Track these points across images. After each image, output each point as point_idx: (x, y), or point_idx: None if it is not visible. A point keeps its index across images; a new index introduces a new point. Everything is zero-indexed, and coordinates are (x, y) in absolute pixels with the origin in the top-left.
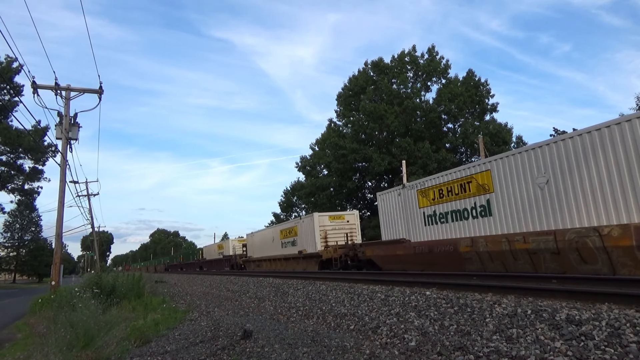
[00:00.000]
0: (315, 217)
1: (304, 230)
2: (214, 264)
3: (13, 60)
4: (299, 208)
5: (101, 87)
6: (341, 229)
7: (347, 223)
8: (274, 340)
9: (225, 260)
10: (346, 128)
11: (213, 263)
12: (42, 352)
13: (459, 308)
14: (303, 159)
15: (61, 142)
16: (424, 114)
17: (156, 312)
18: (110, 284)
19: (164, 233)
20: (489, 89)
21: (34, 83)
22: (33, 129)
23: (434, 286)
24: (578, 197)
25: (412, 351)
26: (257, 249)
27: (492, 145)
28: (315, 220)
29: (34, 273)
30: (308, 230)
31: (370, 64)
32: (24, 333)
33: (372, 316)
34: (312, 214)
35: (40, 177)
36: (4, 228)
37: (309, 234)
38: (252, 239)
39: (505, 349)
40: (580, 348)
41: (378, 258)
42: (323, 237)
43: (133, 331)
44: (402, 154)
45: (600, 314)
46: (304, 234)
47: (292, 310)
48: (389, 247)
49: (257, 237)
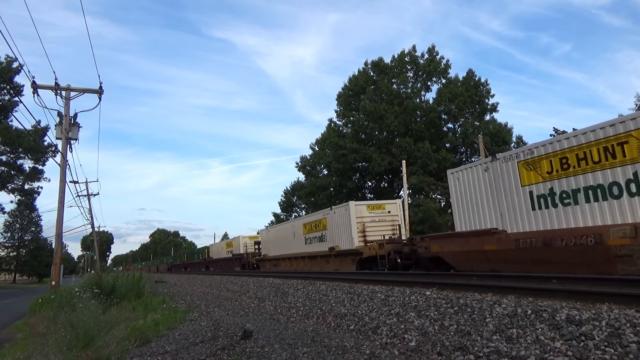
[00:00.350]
0: (351, 207)
1: (335, 223)
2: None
3: (13, 60)
4: (299, 208)
5: (101, 87)
6: (381, 221)
7: (389, 214)
8: (274, 340)
9: (235, 259)
10: (346, 128)
11: (221, 262)
12: (42, 352)
13: (459, 308)
14: (303, 159)
15: (61, 142)
16: (424, 114)
17: (156, 312)
18: (110, 284)
19: (164, 233)
20: (489, 89)
21: (34, 83)
22: (33, 129)
23: (434, 286)
24: None
25: (412, 351)
26: (273, 247)
27: (492, 145)
28: (352, 210)
29: (34, 273)
30: (341, 222)
31: (370, 64)
32: (24, 333)
33: (372, 316)
34: (347, 203)
35: (40, 177)
36: (4, 228)
37: (343, 227)
38: (267, 235)
39: (505, 349)
40: (580, 348)
41: (451, 255)
42: (361, 230)
43: (133, 331)
44: (402, 154)
45: (600, 314)
46: (336, 228)
47: (292, 310)
48: (471, 241)
49: (274, 232)
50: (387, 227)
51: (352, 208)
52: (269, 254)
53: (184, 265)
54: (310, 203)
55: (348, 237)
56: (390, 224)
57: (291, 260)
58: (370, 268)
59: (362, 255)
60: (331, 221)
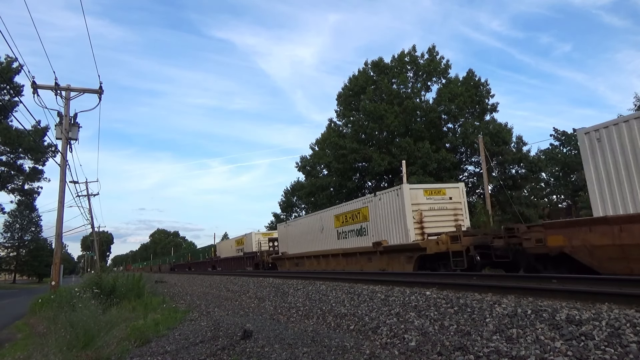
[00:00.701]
0: (405, 191)
1: (381, 213)
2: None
3: (13, 60)
4: (298, 208)
5: (101, 87)
6: (442, 209)
7: (450, 201)
8: (274, 340)
9: (247, 258)
10: (346, 128)
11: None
12: (42, 352)
13: (459, 308)
14: (303, 159)
15: (61, 142)
16: (424, 114)
17: (156, 312)
18: (110, 284)
19: (164, 233)
20: (489, 89)
21: (34, 83)
22: (33, 129)
23: (434, 286)
24: None
25: (412, 351)
26: (294, 243)
27: (492, 146)
28: (405, 195)
29: (34, 273)
30: (391, 211)
31: (370, 64)
32: (24, 333)
33: (372, 316)
34: (399, 186)
35: (40, 177)
36: (4, 228)
37: (394, 216)
38: (286, 231)
39: (505, 349)
40: (580, 348)
41: (589, 251)
42: (418, 220)
43: (133, 331)
44: (402, 154)
45: (600, 314)
46: (382, 218)
47: (292, 310)
48: (635, 230)
49: (295, 227)
50: (448, 216)
51: (406, 192)
52: (288, 252)
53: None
54: (310, 203)
55: (401, 230)
56: (452, 213)
57: (318, 258)
58: (434, 268)
59: (424, 251)
60: (375, 210)
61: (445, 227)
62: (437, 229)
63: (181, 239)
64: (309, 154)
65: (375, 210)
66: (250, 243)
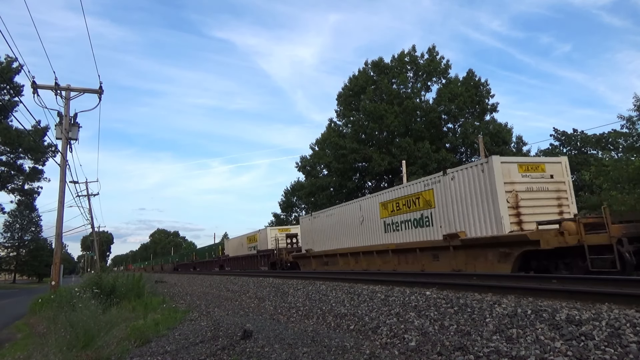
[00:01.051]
0: (494, 165)
1: (455, 195)
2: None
3: (13, 60)
4: (299, 208)
5: (101, 87)
6: (541, 190)
7: (552, 180)
8: (274, 340)
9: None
10: (346, 128)
11: (241, 261)
12: (42, 352)
13: (459, 308)
14: (303, 159)
15: (61, 142)
16: (424, 114)
17: (156, 312)
18: (110, 284)
19: (164, 233)
20: (489, 89)
21: (34, 83)
22: (33, 129)
23: (434, 286)
24: None
25: (412, 351)
26: (323, 238)
27: (492, 145)
28: (496, 171)
29: (34, 273)
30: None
31: (370, 64)
32: (24, 333)
33: (372, 316)
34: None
35: (40, 177)
36: (4, 228)
37: (477, 199)
38: (311, 224)
39: (505, 349)
40: (580, 348)
41: None
42: (513, 204)
43: (133, 331)
44: (402, 154)
45: (600, 314)
46: (457, 202)
47: (292, 310)
48: None
49: (325, 219)
50: (549, 200)
51: (496, 167)
52: (314, 249)
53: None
54: (311, 203)
55: (488, 217)
56: (554, 196)
57: (357, 256)
58: (547, 269)
59: (534, 245)
60: (444, 193)
61: (547, 215)
62: (536, 216)
63: (181, 239)
64: (309, 154)
65: (445, 192)
66: (264, 240)
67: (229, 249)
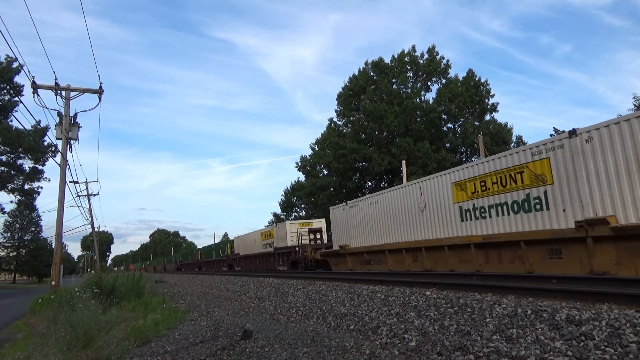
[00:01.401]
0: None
1: (591, 166)
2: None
3: (13, 60)
4: (299, 208)
5: (101, 87)
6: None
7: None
8: (274, 340)
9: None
10: (346, 128)
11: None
12: (42, 352)
13: (459, 308)
14: (303, 159)
15: (61, 142)
16: (424, 114)
17: (156, 312)
18: (110, 284)
19: (164, 233)
20: (489, 89)
21: (34, 83)
22: (33, 129)
23: (434, 286)
24: None
25: (412, 351)
26: (362, 232)
27: (492, 145)
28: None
29: (34, 273)
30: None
31: (370, 64)
32: (24, 333)
33: (372, 316)
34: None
35: (40, 177)
36: (4, 228)
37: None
38: (346, 215)
39: (505, 349)
40: (580, 348)
41: None
42: None
43: (133, 331)
44: (402, 154)
45: (600, 314)
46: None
47: (292, 310)
48: None
49: (367, 208)
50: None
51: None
52: (352, 245)
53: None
54: (311, 203)
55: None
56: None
57: (416, 253)
58: None
59: None
60: (571, 161)
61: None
62: None
63: (181, 238)
64: (309, 154)
65: (574, 161)
66: (283, 235)
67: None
